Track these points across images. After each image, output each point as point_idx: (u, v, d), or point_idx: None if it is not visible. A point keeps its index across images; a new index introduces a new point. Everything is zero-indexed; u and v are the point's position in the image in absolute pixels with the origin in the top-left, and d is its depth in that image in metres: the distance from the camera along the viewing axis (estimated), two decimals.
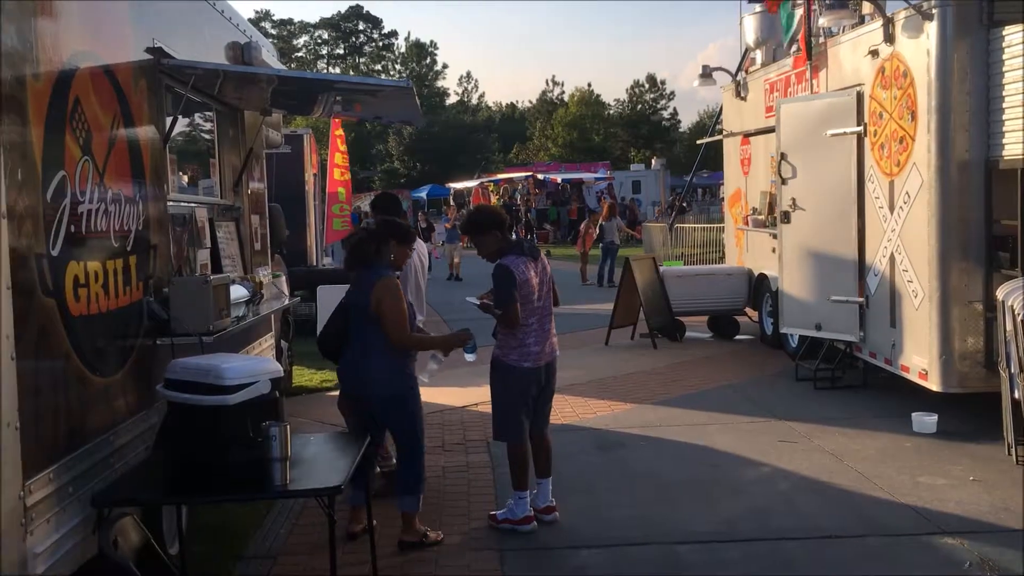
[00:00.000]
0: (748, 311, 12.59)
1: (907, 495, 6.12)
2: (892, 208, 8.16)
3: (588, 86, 68.17)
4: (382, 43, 79.67)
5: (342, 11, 78.56)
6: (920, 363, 7.72)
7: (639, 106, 66.67)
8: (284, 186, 12.42)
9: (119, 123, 4.51)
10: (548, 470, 5.93)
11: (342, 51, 79.68)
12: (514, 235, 6.06)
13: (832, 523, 5.70)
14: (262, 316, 6.38)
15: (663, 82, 67.69)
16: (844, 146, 8.91)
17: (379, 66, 77.48)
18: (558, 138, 62.57)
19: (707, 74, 14.85)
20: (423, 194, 49.29)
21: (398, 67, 76.64)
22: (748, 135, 12.26)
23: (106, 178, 4.29)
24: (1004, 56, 7.09)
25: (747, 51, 13.10)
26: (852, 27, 9.13)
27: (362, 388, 5.38)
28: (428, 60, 75.88)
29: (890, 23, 8.06)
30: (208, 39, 6.18)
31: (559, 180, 40.38)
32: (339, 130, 16.87)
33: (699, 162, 20.02)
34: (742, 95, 12.51)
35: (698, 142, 18.12)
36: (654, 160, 48.41)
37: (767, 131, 11.04)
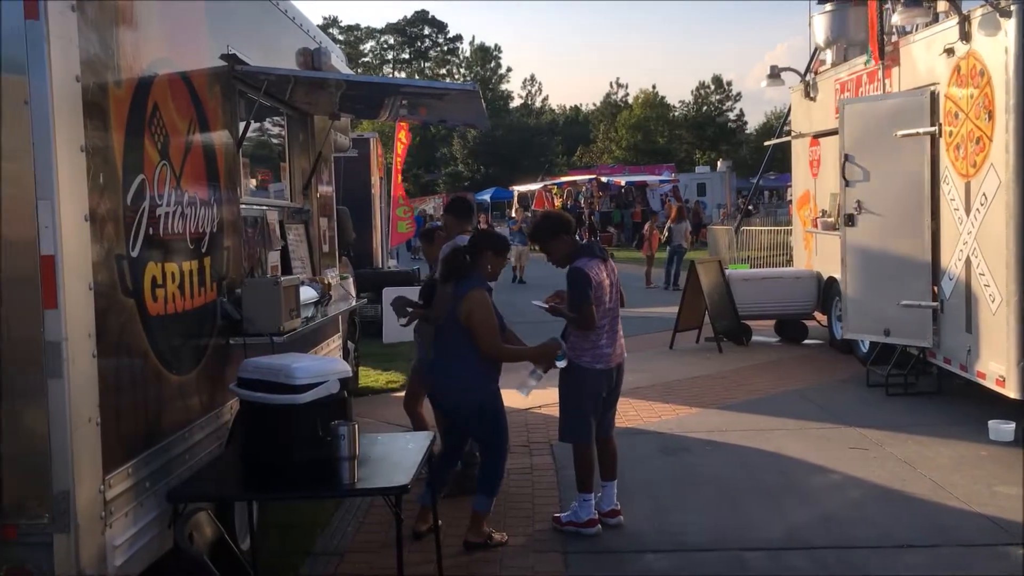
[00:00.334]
0: (817, 315, 12.37)
1: (983, 504, 5.96)
2: (968, 210, 7.96)
3: (652, 88, 68.07)
4: (447, 47, 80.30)
5: (408, 16, 79.47)
6: (997, 369, 7.50)
7: (704, 107, 66.00)
8: (351, 189, 12.58)
9: (195, 128, 4.63)
10: (614, 473, 5.91)
11: (407, 56, 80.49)
12: (577, 238, 6.06)
13: (904, 532, 5.57)
14: (330, 317, 6.48)
15: (729, 83, 67.03)
16: (916, 147, 8.71)
17: (444, 70, 78.09)
18: (622, 140, 62.27)
19: (775, 74, 14.66)
20: (486, 197, 49.46)
21: (462, 71, 77.14)
22: (817, 136, 12.06)
23: (183, 182, 4.41)
24: None
25: (817, 50, 12.89)
26: (926, 25, 8.92)
27: (442, 396, 5.47)
28: (492, 63, 76.23)
29: (966, 21, 7.86)
30: (280, 45, 6.30)
31: (622, 183, 40.17)
32: (402, 133, 17.03)
33: (766, 164, 19.72)
34: (811, 95, 12.31)
35: (765, 144, 17.87)
36: (720, 162, 47.88)
37: (837, 132, 10.83)
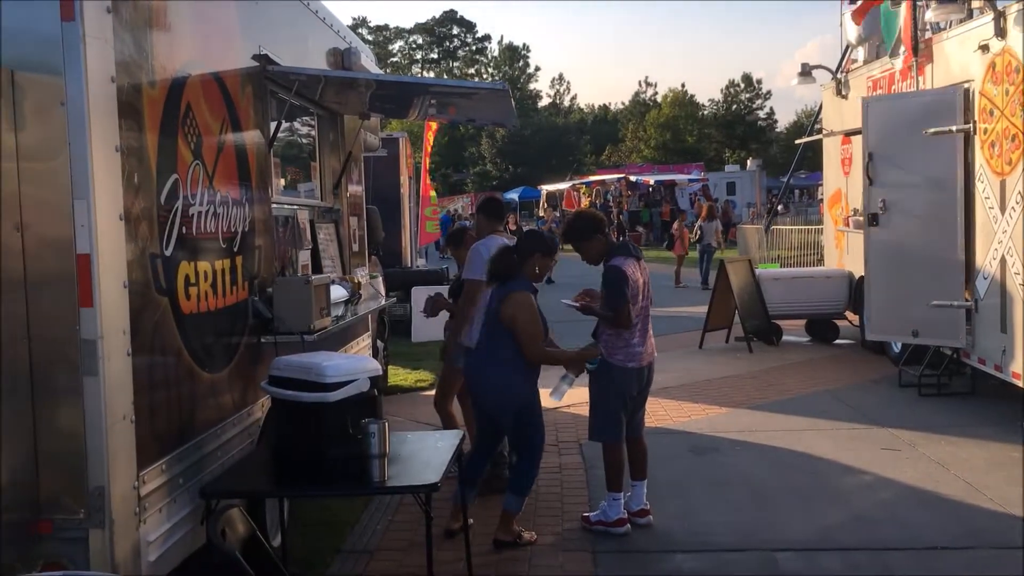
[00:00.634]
0: (848, 315, 12.26)
1: (1017, 507, 5.87)
2: (1003, 208, 7.85)
3: (682, 87, 67.52)
4: (476, 47, 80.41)
5: (436, 16, 79.68)
6: None
7: (734, 106, 65.54)
8: (380, 189, 12.63)
9: (227, 128, 4.67)
10: (644, 473, 5.90)
11: (436, 56, 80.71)
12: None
13: (937, 534, 5.51)
14: (360, 316, 6.51)
15: (759, 81, 66.58)
16: (948, 145, 8.58)
17: (472, 70, 78.20)
18: (651, 139, 62.01)
19: (806, 72, 14.55)
20: (514, 196, 49.48)
21: (491, 70, 77.20)
22: (849, 134, 11.93)
23: (215, 181, 4.45)
24: None
25: (848, 48, 12.77)
26: (960, 22, 8.81)
27: (484, 394, 5.48)
28: (520, 63, 76.22)
29: (1001, 17, 7.75)
30: (310, 46, 6.34)
31: (651, 182, 40.03)
32: (429, 134, 17.08)
33: (797, 162, 19.57)
34: (843, 93, 12.20)
35: (796, 142, 17.72)
36: (749, 161, 47.58)
37: None
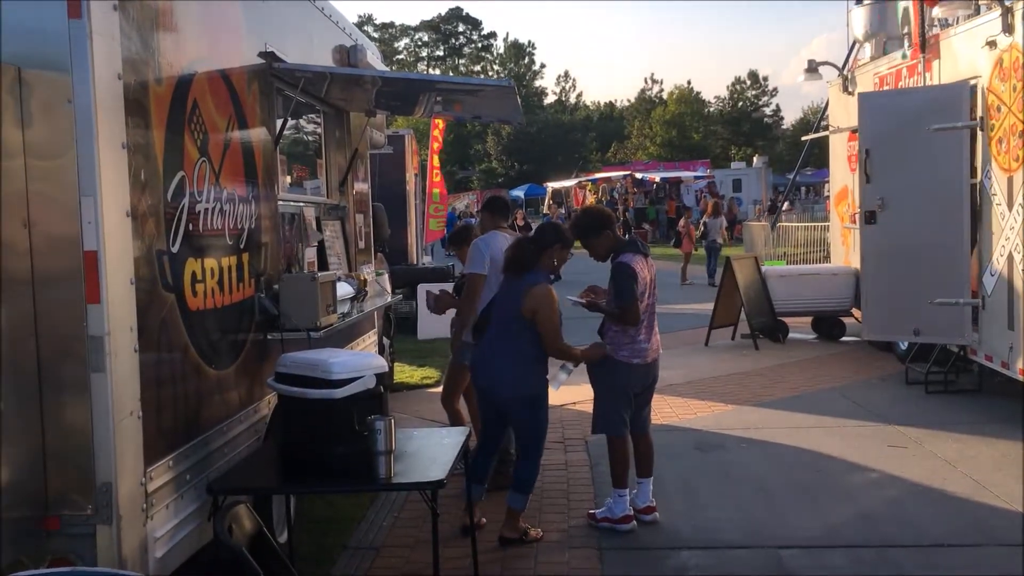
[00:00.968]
0: (854, 312, 12.23)
1: None
2: (1011, 205, 7.82)
3: (687, 83, 67.56)
4: (481, 44, 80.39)
5: (442, 13, 79.65)
6: None
7: (740, 103, 65.48)
8: (386, 186, 12.65)
9: (234, 125, 4.67)
10: (649, 470, 5.89)
11: (442, 53, 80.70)
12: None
13: (944, 531, 5.50)
14: (366, 312, 6.51)
15: (765, 78, 66.51)
16: (953, 141, 8.54)
17: (478, 67, 78.17)
18: (657, 137, 61.94)
19: (813, 68, 14.55)
20: (520, 193, 49.49)
21: (496, 67, 77.16)
22: (855, 131, 11.88)
23: (221, 178, 4.45)
24: None
25: (855, 44, 12.73)
26: (967, 18, 8.78)
27: (495, 386, 5.45)
28: (526, 60, 76.19)
29: (1009, 13, 7.72)
30: (316, 43, 6.34)
31: (657, 179, 40.00)
32: (436, 130, 17.08)
33: (803, 159, 19.53)
34: (850, 90, 12.16)
35: (803, 138, 17.69)
36: (755, 158, 47.50)
37: None
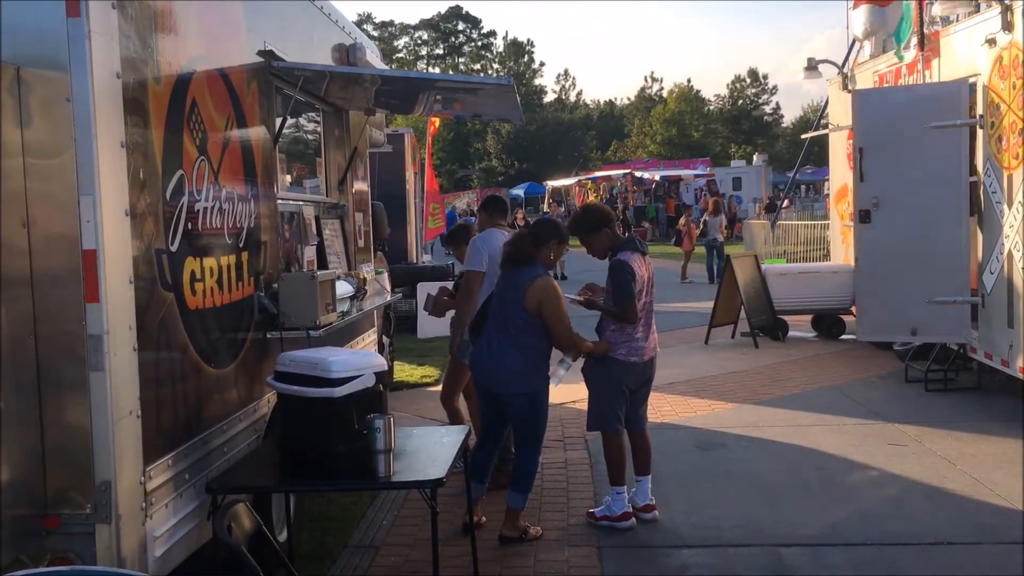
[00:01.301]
0: (854, 310, 12.22)
1: None
2: (1011, 203, 7.82)
3: (687, 82, 67.50)
4: (481, 43, 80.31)
5: (442, 12, 79.58)
6: None
7: (740, 101, 65.46)
8: (386, 184, 12.65)
9: (233, 124, 4.67)
10: (647, 468, 5.89)
11: (441, 51, 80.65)
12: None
13: (944, 529, 5.50)
14: (366, 311, 6.51)
15: (765, 76, 66.43)
16: (951, 139, 8.53)
17: (478, 65, 78.11)
18: (656, 135, 61.93)
19: (813, 67, 14.55)
20: (520, 192, 49.50)
21: (496, 66, 77.11)
22: None
23: (220, 177, 4.45)
24: None
25: (855, 43, 12.73)
26: (967, 15, 8.77)
27: (495, 382, 5.44)
28: (525, 58, 76.13)
29: (1008, 10, 7.71)
30: (315, 41, 6.34)
31: (657, 177, 40.00)
32: (432, 128, 17.11)
33: (803, 158, 19.54)
34: (849, 88, 12.15)
35: (802, 137, 17.69)
36: (755, 156, 47.49)
37: None
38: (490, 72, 75.73)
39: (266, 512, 4.69)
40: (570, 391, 9.09)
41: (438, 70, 76.59)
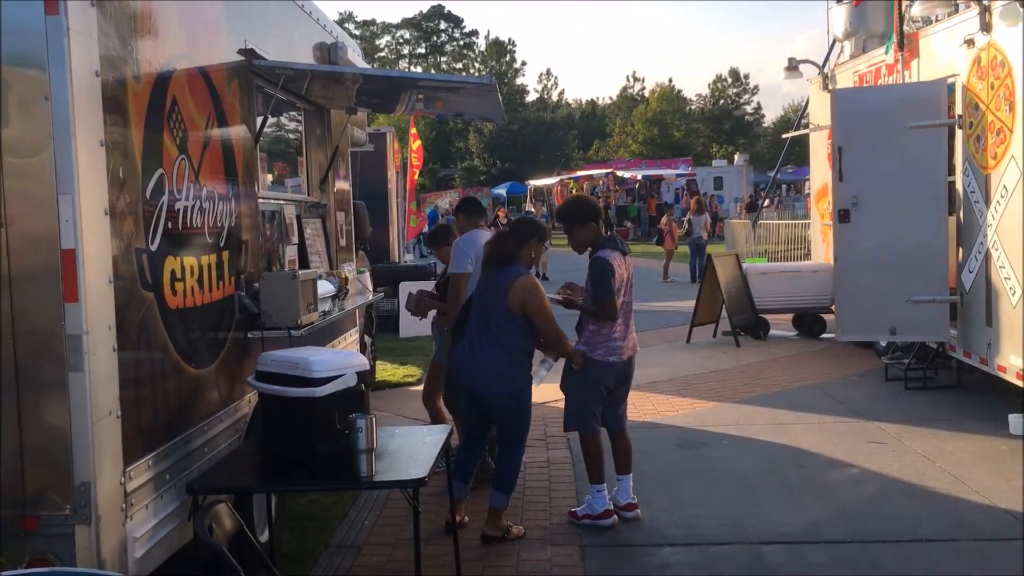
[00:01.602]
0: (835, 309, 12.29)
1: (1003, 499, 5.92)
2: (988, 202, 7.89)
3: (669, 81, 67.55)
4: (463, 42, 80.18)
5: (424, 11, 79.38)
6: (1017, 363, 7.44)
7: (721, 101, 65.71)
8: (367, 183, 12.62)
9: (213, 123, 4.64)
10: (628, 467, 5.91)
11: (423, 50, 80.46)
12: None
13: (924, 527, 5.55)
14: (348, 311, 6.49)
15: (747, 76, 66.71)
16: (930, 139, 8.59)
17: (460, 64, 78.00)
18: (638, 135, 62.07)
19: (793, 67, 14.58)
20: (502, 191, 49.51)
21: (478, 65, 77.02)
22: None
23: (201, 176, 4.43)
24: None
25: (835, 43, 12.81)
26: (947, 16, 8.85)
27: (478, 382, 5.44)
28: (507, 58, 76.05)
29: (987, 11, 7.78)
30: (297, 40, 6.31)
31: (639, 177, 40.10)
32: (413, 128, 17.08)
33: (784, 157, 19.64)
34: (830, 88, 12.23)
35: (783, 136, 17.79)
36: (737, 156, 47.70)
37: None
38: (472, 71, 75.63)
39: (247, 512, 4.67)
40: (552, 390, 9.09)
41: (420, 69, 76.36)
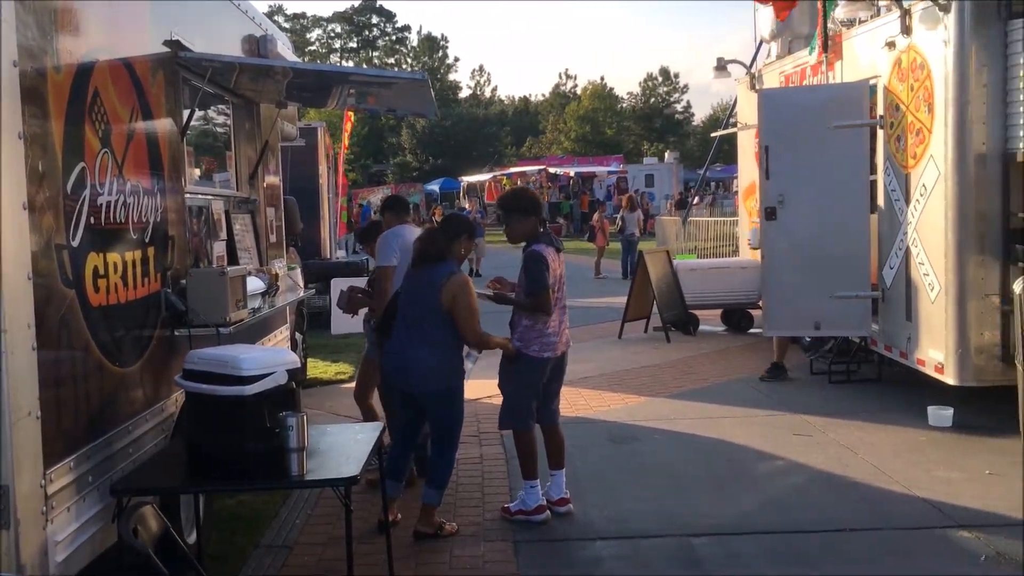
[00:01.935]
0: (762, 304, 12.53)
1: (923, 489, 6.11)
2: (908, 201, 8.13)
3: (601, 79, 68.10)
4: (395, 37, 79.60)
5: (355, 5, 78.58)
6: (936, 356, 7.69)
7: (652, 99, 66.51)
8: (298, 179, 12.46)
9: (137, 116, 4.54)
10: (561, 462, 5.94)
11: (355, 45, 79.67)
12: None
13: (847, 516, 5.69)
14: (278, 308, 6.41)
15: (676, 75, 67.67)
16: (853, 139, 8.79)
17: (392, 60, 77.42)
18: (571, 132, 62.46)
19: (722, 67, 14.86)
20: (435, 187, 49.36)
21: (410, 61, 76.57)
22: None
23: (125, 170, 4.32)
24: (1022, 48, 7.03)
25: (762, 43, 13.05)
26: (869, 19, 9.07)
27: (412, 381, 5.40)
28: (440, 53, 75.78)
29: (907, 15, 8.00)
30: (225, 32, 6.21)
31: (571, 174, 40.35)
32: (348, 124, 16.95)
33: (712, 155, 19.98)
34: (757, 88, 12.44)
35: (712, 135, 18.09)
36: (667, 154, 48.31)
37: None
38: (404, 67, 75.10)
39: (174, 514, 4.58)
40: (486, 387, 9.10)
41: (351, 63, 75.62)
